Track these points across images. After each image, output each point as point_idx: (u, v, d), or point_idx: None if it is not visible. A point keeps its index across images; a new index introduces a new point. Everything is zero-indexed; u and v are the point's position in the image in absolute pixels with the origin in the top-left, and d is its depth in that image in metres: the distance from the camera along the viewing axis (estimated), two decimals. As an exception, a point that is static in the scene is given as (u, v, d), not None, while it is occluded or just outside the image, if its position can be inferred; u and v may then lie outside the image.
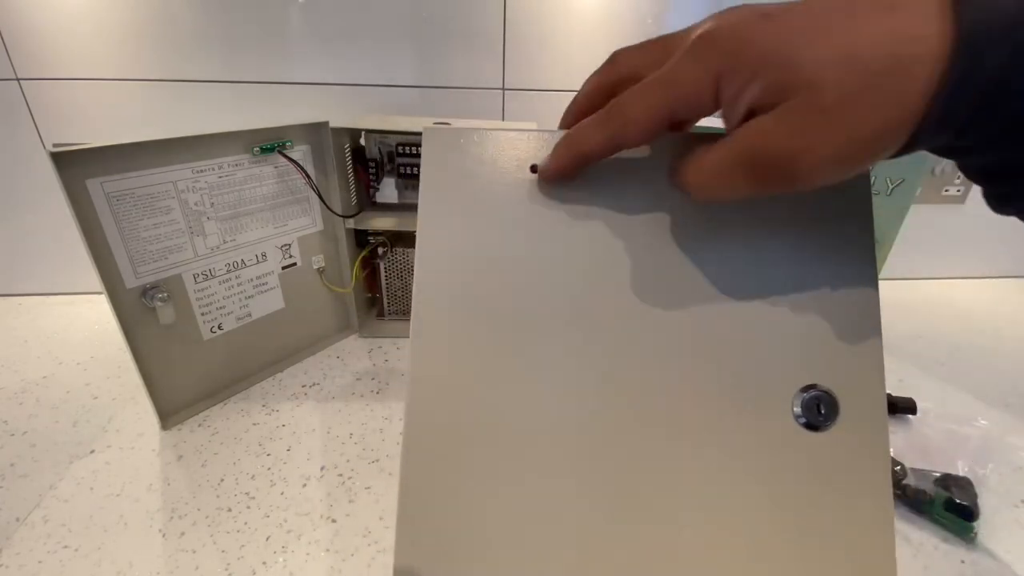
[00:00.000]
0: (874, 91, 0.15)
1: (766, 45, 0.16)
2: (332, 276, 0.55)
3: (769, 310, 0.22)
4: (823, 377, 0.22)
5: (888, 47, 0.15)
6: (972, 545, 0.35)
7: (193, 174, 0.42)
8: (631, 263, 0.23)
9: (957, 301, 0.71)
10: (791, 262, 0.22)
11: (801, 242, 0.22)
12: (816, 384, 0.22)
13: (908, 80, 0.15)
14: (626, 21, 0.60)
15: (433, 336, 0.23)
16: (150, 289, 0.41)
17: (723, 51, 0.17)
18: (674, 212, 0.23)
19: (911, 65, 0.15)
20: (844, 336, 0.22)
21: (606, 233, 0.23)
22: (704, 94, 0.18)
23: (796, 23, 0.16)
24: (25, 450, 0.42)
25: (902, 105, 0.16)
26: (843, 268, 0.22)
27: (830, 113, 0.16)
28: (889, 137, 0.16)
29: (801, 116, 0.16)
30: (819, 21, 0.16)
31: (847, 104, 0.16)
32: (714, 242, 0.23)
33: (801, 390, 0.22)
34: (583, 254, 0.23)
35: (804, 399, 0.22)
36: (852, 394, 0.22)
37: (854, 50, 0.15)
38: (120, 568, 0.33)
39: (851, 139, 0.16)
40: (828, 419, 0.22)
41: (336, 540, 0.35)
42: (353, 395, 0.49)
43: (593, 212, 0.23)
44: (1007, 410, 0.49)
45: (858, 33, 0.15)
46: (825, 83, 0.16)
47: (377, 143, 0.51)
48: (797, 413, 0.22)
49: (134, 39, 0.55)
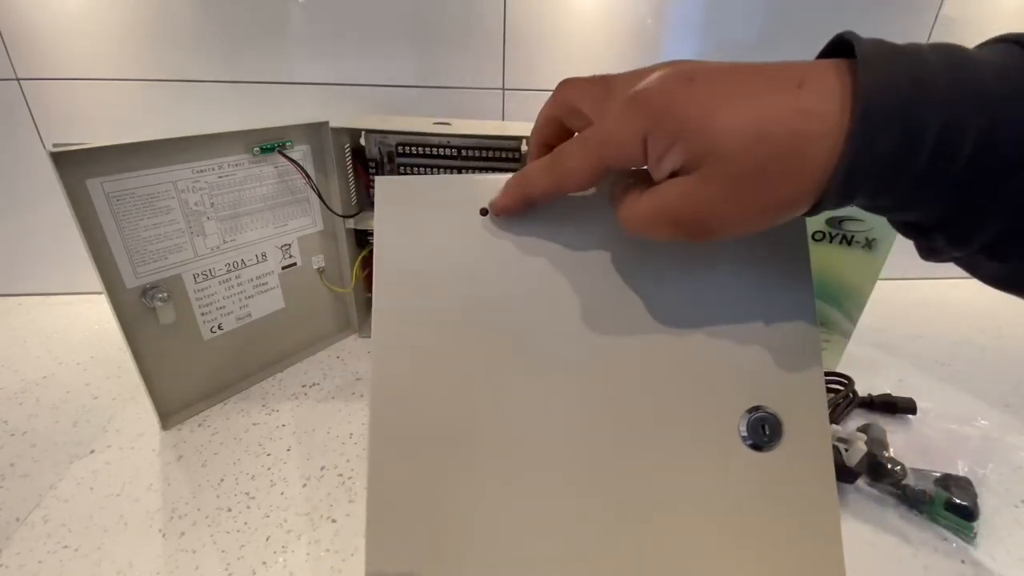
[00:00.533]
0: (778, 163, 0.17)
1: (686, 111, 0.18)
2: (332, 276, 0.55)
3: (715, 337, 0.24)
4: (768, 400, 0.23)
5: (793, 123, 0.16)
6: (972, 545, 0.35)
7: (193, 174, 0.42)
8: (579, 292, 0.24)
9: (957, 301, 0.71)
10: (735, 293, 0.24)
11: (743, 274, 0.24)
12: (761, 406, 0.23)
13: (810, 154, 0.17)
14: (626, 21, 0.60)
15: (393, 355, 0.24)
16: (150, 289, 0.41)
17: (649, 115, 0.19)
18: (621, 245, 0.24)
19: (813, 141, 0.16)
20: (787, 361, 0.23)
21: (555, 263, 0.24)
22: (634, 152, 0.19)
23: (716, 90, 0.18)
24: (25, 450, 0.42)
25: (804, 176, 0.17)
26: (783, 298, 0.24)
27: (737, 182, 0.17)
28: (792, 205, 0.18)
29: (712, 184, 0.18)
30: (735, 90, 0.17)
31: (752, 175, 0.17)
32: (660, 274, 0.24)
33: (747, 411, 0.23)
34: (534, 282, 0.24)
35: (749, 420, 0.23)
36: (796, 415, 0.23)
37: (762, 124, 0.17)
38: (120, 568, 0.33)
39: (756, 205, 0.18)
40: (773, 439, 0.23)
41: (336, 540, 0.35)
42: (353, 395, 0.49)
43: (543, 245, 0.24)
44: (1007, 410, 0.49)
45: (768, 107, 0.17)
46: (734, 154, 0.17)
47: (377, 143, 0.51)
48: (743, 434, 0.23)
49: (134, 39, 0.55)
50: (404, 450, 0.23)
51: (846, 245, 0.47)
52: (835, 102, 0.16)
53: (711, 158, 0.18)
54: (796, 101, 0.17)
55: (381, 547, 0.23)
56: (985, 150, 0.16)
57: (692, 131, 0.18)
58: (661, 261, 0.24)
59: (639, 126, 0.19)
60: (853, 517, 0.37)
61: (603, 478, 0.23)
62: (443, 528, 0.23)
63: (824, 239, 0.48)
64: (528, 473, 0.23)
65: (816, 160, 0.17)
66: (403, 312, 0.24)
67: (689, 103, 0.18)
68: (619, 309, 0.24)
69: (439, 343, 0.24)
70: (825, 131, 0.16)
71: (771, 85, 0.17)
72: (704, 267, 0.24)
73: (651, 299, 0.24)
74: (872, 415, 0.47)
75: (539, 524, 0.23)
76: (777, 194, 0.18)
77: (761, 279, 0.24)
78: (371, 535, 0.23)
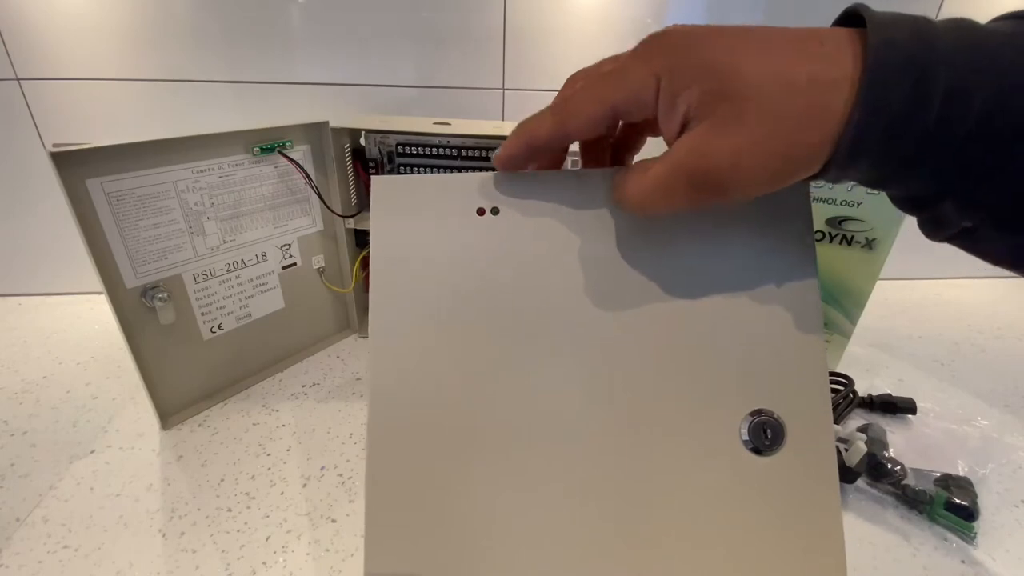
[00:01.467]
0: (799, 109, 0.17)
1: (710, 54, 0.18)
2: (332, 276, 0.55)
3: (717, 339, 0.23)
4: (772, 403, 0.23)
5: (815, 71, 0.17)
6: (972, 545, 0.35)
7: (193, 174, 0.42)
8: (579, 293, 0.24)
9: (957, 301, 0.71)
10: (738, 295, 0.23)
11: (746, 278, 0.23)
12: (764, 409, 0.23)
13: (828, 101, 0.17)
14: (625, 21, 0.60)
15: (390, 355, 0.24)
16: (150, 289, 0.41)
17: (669, 52, 0.18)
18: (622, 245, 0.24)
19: (832, 89, 0.17)
20: (792, 364, 0.23)
21: (554, 262, 0.24)
22: (646, 91, 0.19)
23: (739, 42, 0.18)
24: (25, 450, 0.42)
25: (823, 125, 0.17)
26: (789, 302, 0.23)
27: (756, 128, 0.17)
28: (809, 155, 0.18)
29: (729, 130, 0.18)
30: (759, 44, 0.18)
31: (774, 119, 0.17)
32: (661, 273, 0.24)
33: (750, 415, 0.23)
34: (531, 281, 0.24)
35: (751, 424, 0.23)
36: (799, 420, 0.23)
37: (785, 69, 0.17)
38: (120, 568, 0.33)
39: (774, 154, 0.18)
40: (775, 444, 0.23)
41: (336, 540, 0.35)
42: (353, 395, 0.49)
43: (541, 244, 0.24)
44: (1007, 410, 0.49)
45: (790, 56, 0.17)
46: (755, 95, 0.17)
47: (377, 143, 0.51)
48: (745, 438, 0.23)
49: (134, 39, 0.55)
50: (402, 450, 0.23)
51: (846, 245, 0.47)
52: (850, 57, 0.17)
53: (731, 98, 0.17)
54: (818, 52, 0.17)
55: (381, 547, 0.23)
56: (995, 110, 0.16)
57: (714, 71, 0.18)
58: (662, 260, 0.24)
59: (656, 63, 0.18)
60: (853, 517, 0.37)
61: (603, 480, 0.23)
62: (442, 528, 0.23)
63: (824, 239, 0.48)
64: (526, 473, 0.23)
65: (834, 109, 0.17)
66: (400, 312, 0.24)
67: (713, 46, 0.18)
68: (621, 310, 0.24)
69: (436, 342, 0.24)
70: (842, 81, 0.17)
71: (793, 39, 0.18)
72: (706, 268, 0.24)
73: (652, 300, 0.24)
74: (872, 415, 0.47)
75: (537, 524, 0.23)
76: (796, 142, 0.17)
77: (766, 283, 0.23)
78: (370, 535, 0.23)
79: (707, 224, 0.23)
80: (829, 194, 0.47)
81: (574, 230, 0.24)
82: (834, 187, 0.46)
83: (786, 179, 0.19)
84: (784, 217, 0.23)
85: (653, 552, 0.23)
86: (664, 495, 0.23)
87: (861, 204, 0.46)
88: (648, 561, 0.23)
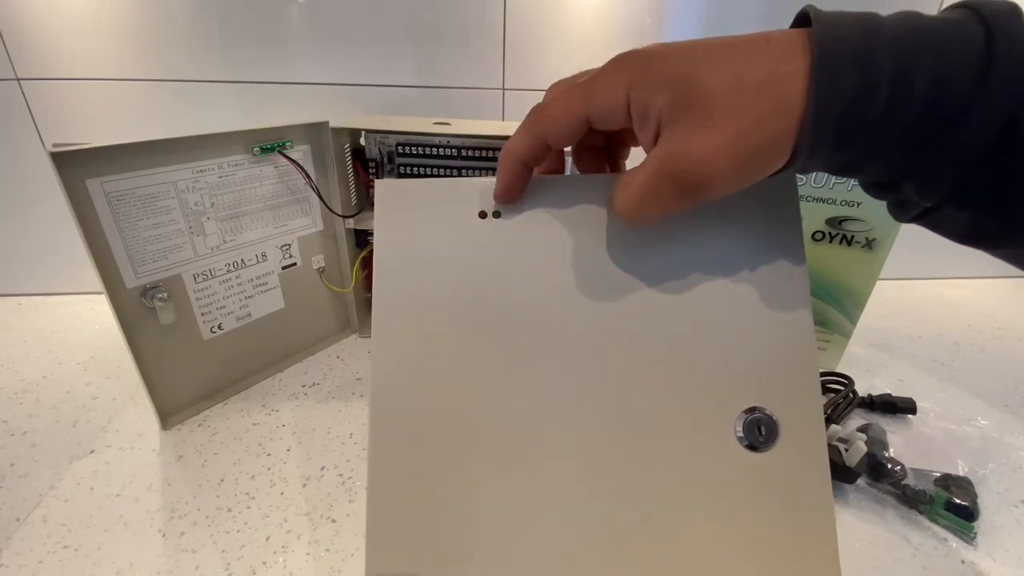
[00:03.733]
0: (761, 102, 0.18)
1: (671, 66, 0.19)
2: (332, 276, 0.55)
3: (711, 338, 0.24)
4: (765, 401, 0.23)
5: (768, 67, 0.18)
6: (972, 545, 0.35)
7: (193, 174, 0.42)
8: (578, 295, 0.24)
9: (957, 301, 0.71)
10: (730, 296, 0.24)
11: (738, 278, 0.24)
12: (757, 407, 0.23)
13: (784, 93, 0.18)
14: (625, 21, 0.60)
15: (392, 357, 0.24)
16: (150, 289, 0.41)
17: (634, 68, 0.20)
18: (621, 249, 0.24)
19: (786, 81, 0.18)
20: (783, 362, 0.24)
21: (554, 266, 0.24)
22: (617, 102, 0.20)
23: (699, 54, 0.19)
24: (25, 450, 0.42)
25: (782, 115, 0.18)
26: (781, 302, 0.24)
27: (725, 124, 0.19)
28: (777, 145, 0.19)
29: (702, 129, 0.19)
30: (715, 53, 0.19)
31: (737, 116, 0.18)
32: (656, 276, 0.24)
33: (744, 412, 0.23)
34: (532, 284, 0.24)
35: (746, 421, 0.23)
36: (792, 417, 0.23)
37: (741, 69, 0.18)
38: (120, 568, 0.33)
39: (746, 148, 0.19)
40: (768, 441, 0.23)
41: (336, 540, 0.35)
42: (353, 395, 0.49)
43: (541, 248, 0.24)
44: (1007, 410, 0.49)
45: (743, 58, 0.19)
46: (718, 99, 0.18)
47: (377, 143, 0.51)
48: (739, 434, 0.23)
49: (134, 39, 0.55)
50: (404, 450, 0.24)
51: (846, 245, 0.47)
52: (799, 52, 0.18)
53: (698, 106, 0.19)
54: (766, 51, 0.19)
55: (381, 547, 0.23)
56: (938, 91, 0.17)
57: (677, 82, 0.19)
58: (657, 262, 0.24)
59: (625, 77, 0.20)
60: (853, 517, 0.37)
61: (599, 478, 0.23)
62: (443, 528, 0.23)
63: (824, 239, 0.48)
64: (525, 473, 0.23)
65: (792, 101, 0.18)
66: (402, 314, 0.24)
67: (674, 59, 0.19)
68: (618, 312, 0.24)
69: (438, 344, 0.24)
70: (795, 74, 0.18)
71: (742, 44, 0.19)
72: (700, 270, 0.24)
73: (648, 301, 0.24)
74: (872, 415, 0.47)
75: (536, 523, 0.23)
76: (762, 134, 0.19)
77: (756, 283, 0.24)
78: (371, 535, 0.23)
79: (700, 227, 0.24)
80: (829, 194, 0.47)
81: (573, 233, 0.24)
82: (834, 187, 0.46)
83: (762, 170, 0.20)
84: (774, 218, 0.24)
85: (652, 549, 0.23)
86: (663, 494, 0.23)
87: (861, 204, 0.46)
88: (646, 557, 0.23)
